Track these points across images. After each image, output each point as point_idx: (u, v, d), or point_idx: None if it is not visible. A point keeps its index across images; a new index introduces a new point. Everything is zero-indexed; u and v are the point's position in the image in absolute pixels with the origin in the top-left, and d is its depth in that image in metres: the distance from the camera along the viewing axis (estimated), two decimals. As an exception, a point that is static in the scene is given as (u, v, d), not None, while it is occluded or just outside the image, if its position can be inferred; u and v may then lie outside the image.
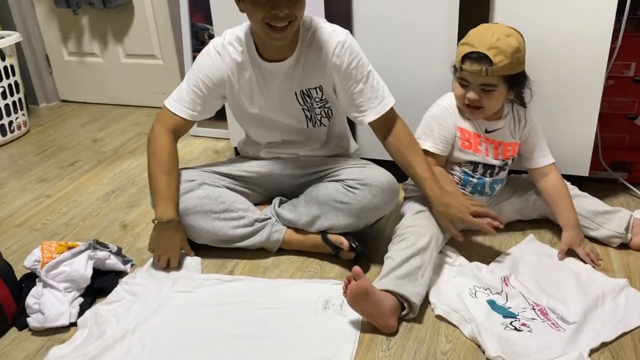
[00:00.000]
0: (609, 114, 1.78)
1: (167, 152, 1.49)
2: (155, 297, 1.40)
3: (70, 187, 2.10)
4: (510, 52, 1.37)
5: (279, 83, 1.49)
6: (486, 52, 1.37)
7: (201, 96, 1.51)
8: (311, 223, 1.53)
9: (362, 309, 1.26)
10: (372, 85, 1.46)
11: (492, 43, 1.37)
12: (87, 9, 2.77)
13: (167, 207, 1.46)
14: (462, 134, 1.52)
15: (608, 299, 1.33)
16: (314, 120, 1.57)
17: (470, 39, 1.41)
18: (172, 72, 2.77)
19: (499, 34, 1.38)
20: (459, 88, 1.47)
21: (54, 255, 1.41)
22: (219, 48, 1.48)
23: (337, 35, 1.43)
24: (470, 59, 1.40)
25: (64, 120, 2.84)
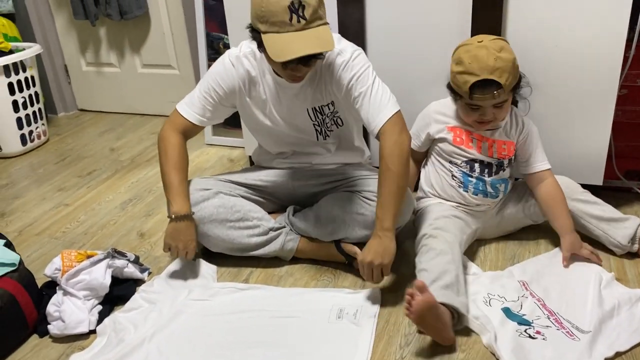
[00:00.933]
0: (622, 123, 1.77)
1: (178, 151, 1.53)
2: (172, 305, 1.43)
3: (88, 196, 2.14)
4: (511, 66, 1.40)
5: (292, 99, 1.52)
6: (491, 77, 1.38)
7: (212, 103, 1.54)
8: (325, 232, 1.54)
9: (428, 323, 1.23)
10: (370, 99, 1.41)
11: (492, 65, 1.38)
12: (105, 20, 2.82)
13: (183, 202, 1.48)
14: (454, 132, 1.55)
15: (624, 308, 1.33)
16: (324, 134, 1.59)
17: (469, 67, 1.40)
18: (188, 82, 2.81)
19: (493, 53, 1.38)
20: (469, 111, 1.49)
21: (74, 264, 1.44)
22: (234, 59, 1.51)
23: (344, 54, 1.44)
24: (478, 88, 1.40)
25: (82, 130, 2.89)
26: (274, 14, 1.25)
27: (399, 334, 1.33)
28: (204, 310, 1.42)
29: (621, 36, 1.52)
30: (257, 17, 1.28)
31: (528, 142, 1.57)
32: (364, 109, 1.42)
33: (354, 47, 1.46)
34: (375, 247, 1.36)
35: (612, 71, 1.57)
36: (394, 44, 1.74)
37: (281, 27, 1.26)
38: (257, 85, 1.52)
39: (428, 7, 1.66)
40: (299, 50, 1.25)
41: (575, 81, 1.61)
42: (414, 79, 1.76)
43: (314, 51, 1.27)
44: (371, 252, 1.36)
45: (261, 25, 1.28)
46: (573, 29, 1.55)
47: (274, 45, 1.27)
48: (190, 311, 1.41)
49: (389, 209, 1.36)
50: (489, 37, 1.44)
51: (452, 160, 1.57)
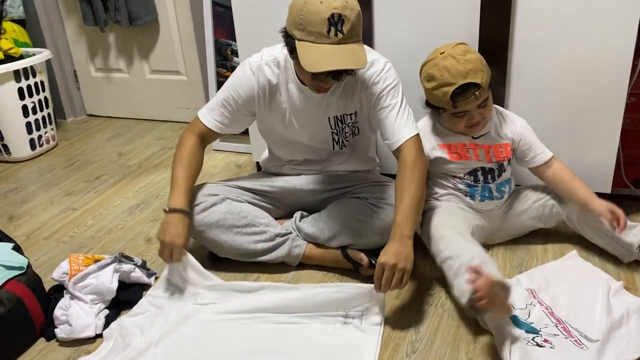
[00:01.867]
0: (631, 131, 1.76)
1: (188, 151, 1.53)
2: (179, 310, 1.43)
3: (96, 201, 2.15)
4: (481, 64, 1.41)
5: (315, 107, 1.52)
6: (467, 80, 1.38)
7: (230, 110, 1.55)
8: (332, 238, 1.54)
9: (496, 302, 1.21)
10: (396, 114, 1.44)
11: (464, 69, 1.39)
12: (114, 26, 2.85)
13: (178, 197, 1.47)
14: (448, 149, 1.54)
15: (633, 317, 1.32)
16: (340, 143, 1.60)
17: (442, 79, 1.41)
18: (196, 88, 2.83)
19: (459, 58, 1.39)
20: (456, 120, 1.48)
21: (81, 268, 1.45)
22: (254, 67, 1.51)
23: (377, 64, 1.46)
24: (459, 94, 1.40)
25: (91, 135, 2.91)
26: (312, 23, 1.25)
27: (405, 341, 1.32)
28: (211, 314, 1.42)
29: (630, 44, 1.51)
30: (295, 24, 1.28)
31: (524, 140, 1.56)
32: (390, 120, 1.45)
33: (386, 59, 1.48)
34: (396, 251, 1.28)
35: (620, 79, 1.56)
36: (400, 56, 1.72)
37: (317, 38, 1.26)
38: (278, 94, 1.53)
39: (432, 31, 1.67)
40: (333, 64, 1.26)
41: (584, 89, 1.61)
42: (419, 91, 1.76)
43: (347, 67, 1.27)
44: (393, 254, 1.27)
45: (297, 32, 1.28)
46: (581, 37, 1.55)
47: (308, 55, 1.27)
48: (197, 316, 1.41)
49: (410, 216, 1.34)
50: (449, 46, 1.45)
51: (455, 175, 1.57)
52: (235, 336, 1.35)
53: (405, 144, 1.42)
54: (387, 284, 1.28)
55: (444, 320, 1.38)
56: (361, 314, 1.36)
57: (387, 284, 1.28)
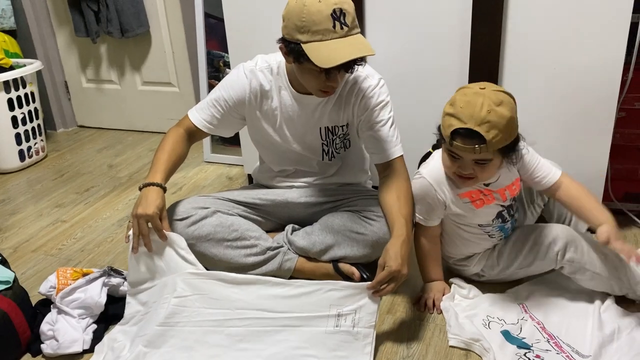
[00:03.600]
0: (621, 146, 1.78)
1: (172, 140, 1.52)
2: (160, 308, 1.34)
3: (85, 213, 2.13)
4: (504, 125, 1.23)
5: (308, 116, 1.53)
6: (477, 128, 1.22)
7: (220, 112, 1.55)
8: (324, 252, 1.53)
9: None
10: (389, 129, 1.49)
11: (482, 117, 1.22)
12: (106, 38, 2.84)
13: (155, 175, 1.43)
14: (470, 197, 1.42)
15: (624, 332, 1.32)
16: (330, 155, 1.60)
17: (458, 111, 1.25)
18: (188, 99, 2.82)
19: (488, 105, 1.22)
20: (449, 159, 1.35)
21: (69, 282, 1.43)
22: (248, 71, 1.52)
23: (371, 79, 1.49)
24: (460, 135, 1.26)
25: (81, 146, 2.89)
26: (316, 22, 1.26)
27: (397, 356, 1.32)
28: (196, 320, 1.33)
29: (619, 59, 1.53)
30: (297, 28, 1.28)
31: (527, 162, 1.44)
32: (381, 135, 1.48)
33: (379, 75, 1.51)
34: (403, 254, 1.28)
35: (610, 94, 1.58)
36: (390, 71, 1.73)
37: (325, 35, 1.27)
38: (270, 100, 1.53)
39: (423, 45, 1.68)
40: (348, 55, 1.26)
41: (574, 104, 1.62)
42: (411, 106, 1.77)
43: (360, 54, 1.28)
44: (400, 259, 1.27)
45: (302, 35, 1.28)
46: (572, 51, 1.56)
47: (320, 53, 1.27)
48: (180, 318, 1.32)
49: (412, 217, 1.41)
50: (493, 87, 1.28)
51: (482, 224, 1.47)
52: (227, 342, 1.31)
53: (395, 162, 1.49)
54: (389, 290, 1.27)
55: (436, 335, 1.37)
56: (354, 312, 1.31)
57: (388, 290, 1.27)
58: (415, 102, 1.77)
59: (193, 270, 1.39)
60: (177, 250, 1.41)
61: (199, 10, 2.40)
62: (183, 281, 1.36)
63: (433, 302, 1.47)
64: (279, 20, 1.34)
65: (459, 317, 1.39)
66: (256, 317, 1.33)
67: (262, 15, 1.79)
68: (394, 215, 1.39)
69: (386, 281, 1.27)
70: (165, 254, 1.40)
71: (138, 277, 1.43)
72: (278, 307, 1.34)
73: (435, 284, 1.50)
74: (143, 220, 1.36)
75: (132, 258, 1.41)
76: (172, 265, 1.40)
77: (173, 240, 1.41)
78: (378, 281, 1.26)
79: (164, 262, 1.40)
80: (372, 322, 1.29)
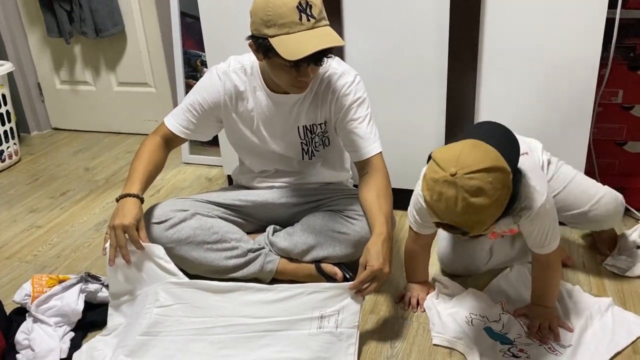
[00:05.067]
0: (599, 140, 1.80)
1: (149, 149, 1.50)
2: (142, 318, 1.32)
3: (61, 218, 2.09)
4: (486, 215, 1.06)
5: (284, 116, 1.51)
6: (455, 224, 1.07)
7: (196, 116, 1.53)
8: (306, 252, 1.52)
9: None
10: (366, 126, 1.47)
11: (458, 213, 1.04)
12: (80, 38, 2.78)
13: (132, 185, 1.41)
14: None
15: (596, 318, 1.35)
16: (310, 154, 1.58)
17: (433, 204, 1.08)
18: (165, 100, 2.78)
19: (462, 198, 1.02)
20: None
21: (45, 289, 1.39)
22: (221, 73, 1.50)
23: (347, 76, 1.48)
24: (442, 226, 1.11)
25: (56, 149, 2.83)
26: (282, 15, 1.24)
27: (382, 356, 1.31)
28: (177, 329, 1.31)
29: (596, 55, 1.54)
30: (263, 23, 1.27)
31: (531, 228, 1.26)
32: (360, 132, 1.47)
33: (355, 72, 1.49)
34: (385, 253, 1.27)
35: (588, 89, 1.59)
36: (371, 70, 1.73)
37: (292, 28, 1.25)
38: (245, 101, 1.51)
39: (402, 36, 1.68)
40: (315, 46, 1.25)
41: (552, 99, 1.63)
42: (390, 105, 1.76)
43: (328, 45, 1.26)
44: (382, 258, 1.26)
45: (268, 29, 1.26)
46: (549, 48, 1.57)
47: (287, 46, 1.25)
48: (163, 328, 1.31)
49: (390, 215, 1.40)
50: (467, 168, 1.03)
51: None
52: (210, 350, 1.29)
53: (374, 159, 1.47)
54: (371, 290, 1.27)
55: (420, 333, 1.37)
56: (337, 313, 1.29)
57: (370, 290, 1.27)
58: (393, 99, 1.76)
59: (174, 280, 1.37)
60: (156, 261, 1.38)
61: (175, 9, 2.36)
62: (164, 290, 1.34)
63: (417, 300, 1.46)
64: (256, 18, 1.32)
65: (441, 316, 1.39)
66: (239, 323, 1.31)
67: (239, 14, 1.76)
68: (374, 213, 1.38)
69: (368, 280, 1.26)
70: (145, 265, 1.38)
71: (118, 288, 1.40)
72: (260, 313, 1.32)
73: (419, 284, 1.50)
74: (120, 231, 1.33)
75: (111, 270, 1.38)
76: (153, 275, 1.38)
77: (151, 250, 1.38)
78: (360, 280, 1.26)
79: (144, 272, 1.38)
80: (355, 322, 1.28)
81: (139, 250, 1.36)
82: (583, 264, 1.60)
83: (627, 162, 1.84)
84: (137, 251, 1.36)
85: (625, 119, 1.78)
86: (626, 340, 1.29)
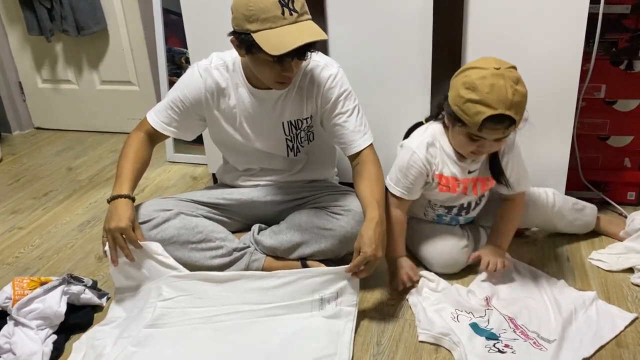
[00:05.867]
0: (582, 135, 1.81)
1: (134, 147, 1.51)
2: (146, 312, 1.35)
3: (44, 218, 2.06)
4: (525, 101, 1.28)
5: (268, 112, 1.50)
6: (508, 112, 1.24)
7: (178, 113, 1.52)
8: (292, 249, 1.51)
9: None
10: (355, 119, 1.48)
11: (510, 100, 1.24)
12: (61, 36, 2.74)
13: (122, 186, 1.43)
14: (440, 180, 1.48)
15: (580, 312, 1.36)
16: (295, 150, 1.57)
17: (485, 97, 1.24)
18: (149, 98, 2.75)
19: (511, 86, 1.24)
20: (467, 142, 1.36)
21: (26, 292, 1.37)
22: (202, 70, 1.49)
23: (330, 68, 1.47)
24: (491, 122, 1.26)
25: (38, 149, 2.79)
26: (264, 10, 1.24)
27: (368, 354, 1.30)
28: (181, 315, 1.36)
29: (578, 49, 1.54)
30: (245, 18, 1.25)
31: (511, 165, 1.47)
32: (349, 125, 1.47)
33: (337, 64, 1.49)
34: (378, 237, 1.31)
35: (571, 84, 1.59)
36: (355, 68, 1.72)
37: (274, 22, 1.24)
38: (227, 98, 1.49)
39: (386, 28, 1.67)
40: (298, 40, 1.24)
41: (536, 94, 1.63)
42: (375, 98, 1.76)
43: (312, 39, 1.25)
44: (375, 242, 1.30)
45: (251, 25, 1.25)
46: (532, 42, 1.57)
47: (269, 40, 1.24)
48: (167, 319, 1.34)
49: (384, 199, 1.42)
50: (504, 64, 1.28)
51: (431, 203, 1.57)
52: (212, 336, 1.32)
53: (366, 151, 1.48)
54: (365, 273, 1.33)
55: (406, 330, 1.37)
56: (336, 295, 1.36)
57: (364, 274, 1.33)
58: (377, 91, 1.76)
59: (176, 274, 1.41)
60: (155, 258, 1.43)
61: (157, 6, 2.34)
62: (167, 285, 1.39)
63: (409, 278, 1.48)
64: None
65: (427, 312, 1.39)
66: (242, 310, 1.37)
67: (222, 10, 1.75)
68: (367, 198, 1.40)
69: (362, 265, 1.31)
70: (145, 262, 1.43)
71: (123, 284, 1.46)
72: (263, 299, 1.38)
73: (403, 260, 1.52)
74: (117, 233, 1.37)
75: (115, 270, 1.43)
76: (154, 272, 1.43)
77: (150, 248, 1.42)
78: (355, 264, 1.31)
79: (146, 269, 1.43)
80: (354, 300, 1.36)
81: (137, 249, 1.40)
82: (567, 258, 1.61)
83: (610, 156, 1.85)
84: (137, 250, 1.40)
85: (608, 114, 1.79)
86: (610, 334, 1.30)
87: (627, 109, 1.77)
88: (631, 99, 1.75)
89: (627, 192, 1.87)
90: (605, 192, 1.87)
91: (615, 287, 1.48)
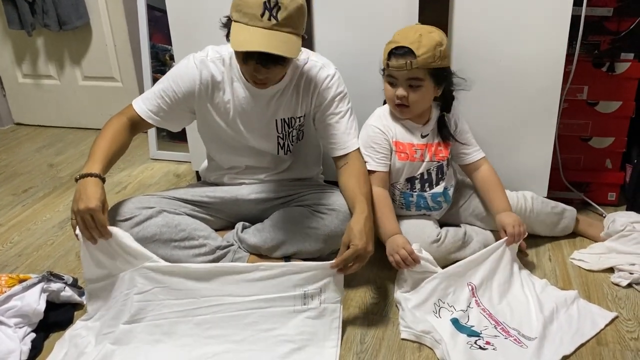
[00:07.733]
0: (564, 136, 1.82)
1: (113, 129, 1.43)
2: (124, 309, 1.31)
3: (23, 215, 2.03)
4: (433, 45, 1.42)
5: (262, 108, 1.49)
6: (409, 45, 1.41)
7: (167, 103, 1.48)
8: (276, 248, 1.51)
9: None
10: (347, 121, 1.50)
11: (415, 38, 1.42)
12: (43, 30, 2.70)
13: (94, 164, 1.34)
14: (397, 147, 1.55)
15: (562, 311, 1.38)
16: (286, 148, 1.57)
17: (395, 37, 1.46)
18: (132, 95, 2.71)
19: (421, 31, 1.44)
20: (388, 88, 1.51)
21: (4, 290, 1.35)
22: (198, 62, 1.47)
23: (328, 69, 1.49)
24: (395, 55, 1.44)
25: (18, 145, 2.75)
26: (248, 5, 1.24)
27: (351, 352, 1.30)
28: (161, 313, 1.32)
29: (561, 51, 1.56)
30: (234, 5, 1.28)
31: (461, 135, 1.61)
32: (340, 126, 1.49)
33: (335, 66, 1.51)
34: (367, 232, 1.31)
35: (554, 85, 1.61)
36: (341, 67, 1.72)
37: (250, 20, 1.25)
38: (222, 92, 1.48)
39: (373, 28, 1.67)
40: (258, 46, 1.23)
41: (519, 95, 1.65)
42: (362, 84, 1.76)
43: (272, 51, 1.23)
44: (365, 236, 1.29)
45: (234, 13, 1.27)
46: (516, 44, 1.58)
47: (237, 35, 1.25)
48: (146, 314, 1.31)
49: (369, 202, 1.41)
50: (429, 27, 1.48)
51: (392, 182, 1.59)
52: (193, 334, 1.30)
53: (354, 154, 1.50)
54: (354, 269, 1.31)
55: (389, 329, 1.37)
56: (320, 291, 1.33)
57: (353, 269, 1.31)
58: (365, 91, 1.75)
59: (150, 265, 1.33)
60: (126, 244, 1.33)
61: (142, 2, 2.31)
62: (141, 276, 1.33)
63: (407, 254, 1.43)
64: (222, 13, 1.32)
65: (410, 309, 1.38)
66: (223, 303, 1.33)
67: (206, 8, 1.74)
68: (355, 194, 1.41)
69: (351, 260, 1.29)
70: (116, 249, 1.34)
71: (94, 273, 1.39)
72: (244, 292, 1.34)
73: (397, 237, 1.46)
74: (87, 215, 1.27)
75: (86, 255, 1.36)
76: (126, 258, 1.34)
77: (118, 234, 1.34)
78: (343, 259, 1.28)
79: (117, 255, 1.35)
80: (338, 297, 1.33)
81: (105, 235, 1.31)
82: (549, 258, 1.63)
83: (592, 157, 1.87)
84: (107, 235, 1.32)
85: (590, 115, 1.81)
86: (591, 332, 1.32)
87: (608, 111, 1.80)
88: (613, 100, 1.78)
89: (608, 192, 1.89)
90: (586, 192, 1.89)
91: (596, 286, 1.50)
